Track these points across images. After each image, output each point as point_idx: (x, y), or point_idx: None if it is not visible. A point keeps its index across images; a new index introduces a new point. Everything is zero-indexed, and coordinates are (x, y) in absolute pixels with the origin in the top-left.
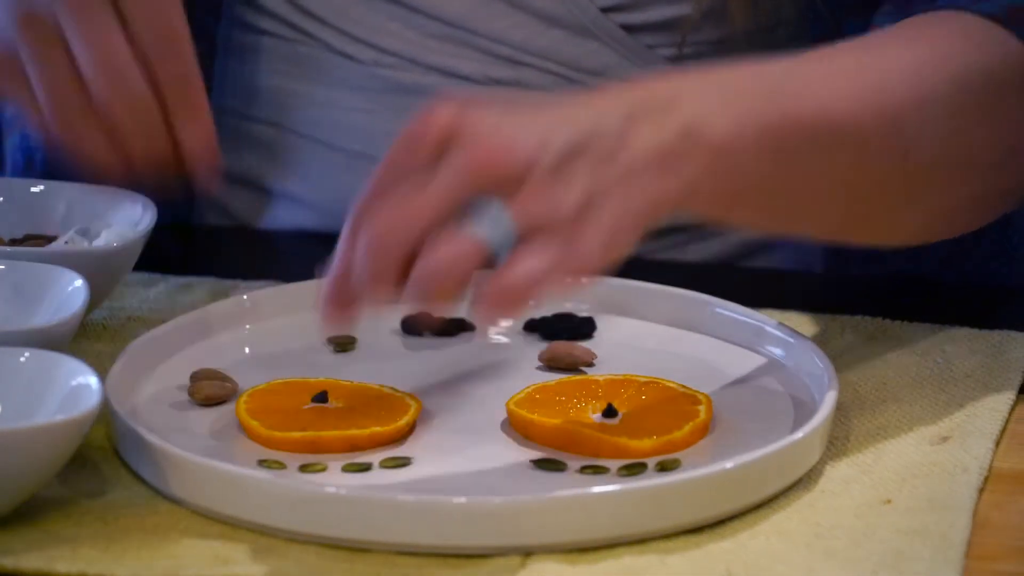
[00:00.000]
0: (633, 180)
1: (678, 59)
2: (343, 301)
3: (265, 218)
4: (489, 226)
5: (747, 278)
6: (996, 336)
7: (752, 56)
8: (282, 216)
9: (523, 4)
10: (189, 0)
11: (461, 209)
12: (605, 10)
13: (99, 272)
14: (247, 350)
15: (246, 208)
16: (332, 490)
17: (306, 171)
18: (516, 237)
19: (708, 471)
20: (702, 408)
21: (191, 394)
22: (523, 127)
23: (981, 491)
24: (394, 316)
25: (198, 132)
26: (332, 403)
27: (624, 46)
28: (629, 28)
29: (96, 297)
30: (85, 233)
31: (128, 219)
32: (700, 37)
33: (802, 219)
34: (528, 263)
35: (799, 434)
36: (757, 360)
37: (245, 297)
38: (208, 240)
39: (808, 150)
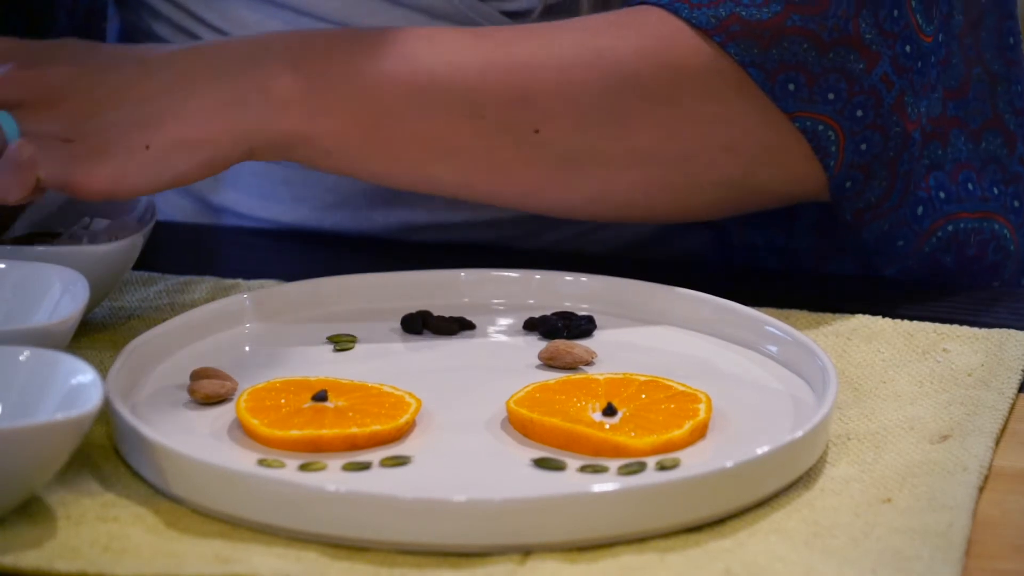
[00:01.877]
0: (178, 111)
1: None
2: None
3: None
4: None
5: (747, 277)
6: (996, 335)
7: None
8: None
9: (402, 1)
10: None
11: None
12: None
13: (99, 271)
14: (247, 349)
15: (188, 219)
16: (332, 489)
17: (235, 183)
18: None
19: (708, 470)
20: (702, 407)
21: (191, 393)
22: (69, 64)
23: (981, 490)
24: (394, 315)
25: None
26: (332, 402)
27: None
28: (513, 15)
29: (96, 296)
30: (88, 228)
31: (128, 218)
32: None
33: (423, 178)
34: (46, 154)
35: (799, 433)
36: (757, 359)
37: (245, 296)
38: (208, 239)
39: (410, 111)
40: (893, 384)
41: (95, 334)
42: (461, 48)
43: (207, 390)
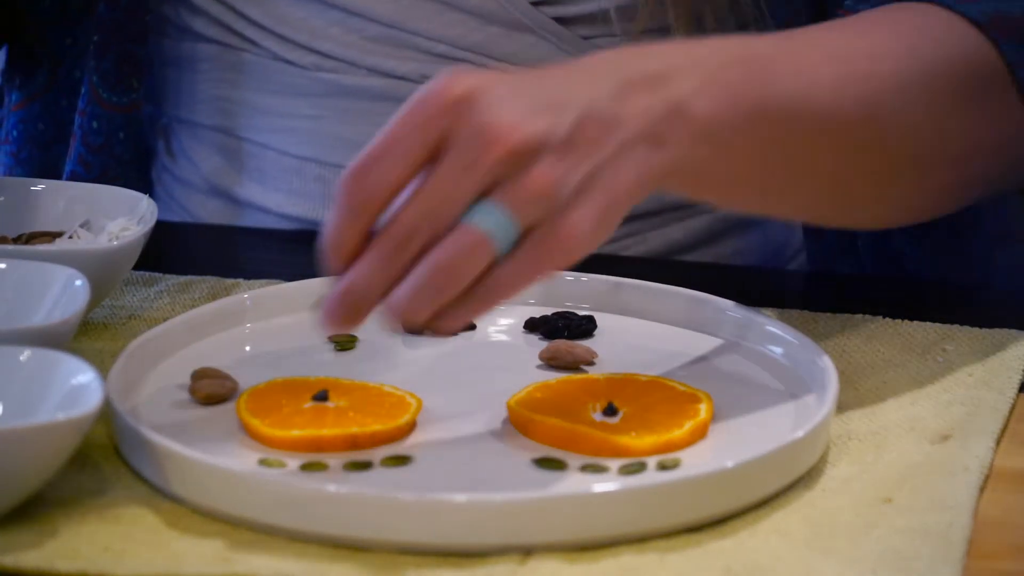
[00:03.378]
0: (623, 157)
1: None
2: (346, 303)
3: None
4: (496, 224)
5: (748, 277)
6: (997, 335)
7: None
8: (250, 223)
9: (456, 3)
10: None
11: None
12: (536, 3)
13: (100, 271)
14: (248, 349)
15: (214, 217)
16: (333, 489)
17: (262, 177)
18: (515, 234)
19: (708, 470)
20: (702, 407)
21: (192, 393)
22: (526, 103)
23: (982, 490)
24: None
25: None
26: (333, 402)
27: (560, 38)
28: (563, 20)
29: (97, 296)
30: (89, 227)
31: (129, 217)
32: (641, 26)
33: (779, 201)
34: (511, 273)
35: (799, 433)
36: (758, 359)
37: (246, 296)
38: (209, 238)
39: (788, 134)
40: (893, 384)
41: (96, 334)
42: (809, 62)
43: (208, 390)
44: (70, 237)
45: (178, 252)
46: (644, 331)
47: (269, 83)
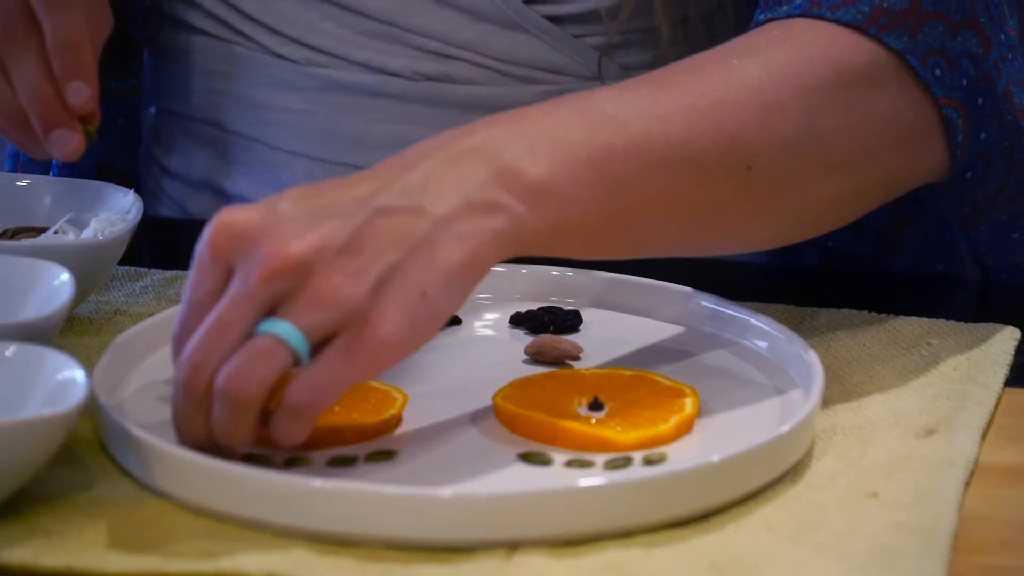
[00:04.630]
0: (437, 241)
1: (607, 48)
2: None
3: None
4: (278, 326)
5: (733, 271)
6: (982, 329)
7: (677, 46)
8: None
9: (449, 0)
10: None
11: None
12: (528, 2)
13: (85, 266)
14: None
15: (205, 211)
16: (318, 484)
17: (252, 171)
18: (307, 333)
19: (694, 465)
20: (688, 402)
21: None
22: (305, 219)
23: (967, 484)
24: None
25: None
26: None
27: (552, 36)
28: (555, 19)
29: (82, 291)
30: (75, 223)
31: (114, 213)
32: (629, 26)
33: (647, 242)
34: (318, 378)
35: (785, 428)
36: (743, 354)
37: None
38: (194, 234)
39: (640, 174)
40: (879, 379)
41: (81, 329)
42: (656, 101)
43: None
44: (56, 232)
45: (164, 247)
46: (630, 326)
47: (261, 77)
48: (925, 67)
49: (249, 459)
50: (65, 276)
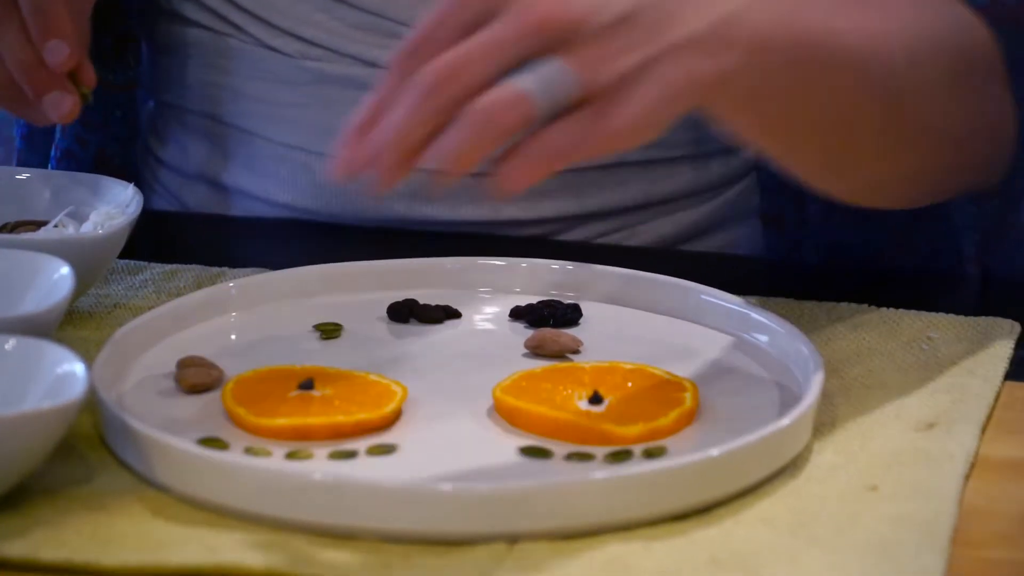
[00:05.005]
0: (676, 56)
1: None
2: (367, 149)
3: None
4: (538, 83)
5: (733, 266)
6: (982, 323)
7: None
8: (238, 210)
9: None
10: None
11: (513, 66)
12: None
13: (85, 259)
14: (233, 337)
15: (202, 203)
16: (318, 477)
17: (249, 164)
18: (562, 97)
19: (694, 458)
20: (688, 395)
21: (177, 381)
22: None
23: (967, 478)
24: (380, 304)
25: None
26: (318, 390)
27: None
28: None
29: (82, 284)
30: (75, 216)
31: (114, 206)
32: None
33: (796, 145)
34: (558, 136)
35: (785, 421)
36: (743, 347)
37: (231, 284)
38: (194, 227)
39: (819, 69)
40: (879, 372)
41: (81, 323)
42: (850, 12)
43: (193, 379)
44: (55, 226)
45: (163, 241)
46: (630, 319)
47: (256, 70)
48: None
49: (249, 452)
50: (65, 270)
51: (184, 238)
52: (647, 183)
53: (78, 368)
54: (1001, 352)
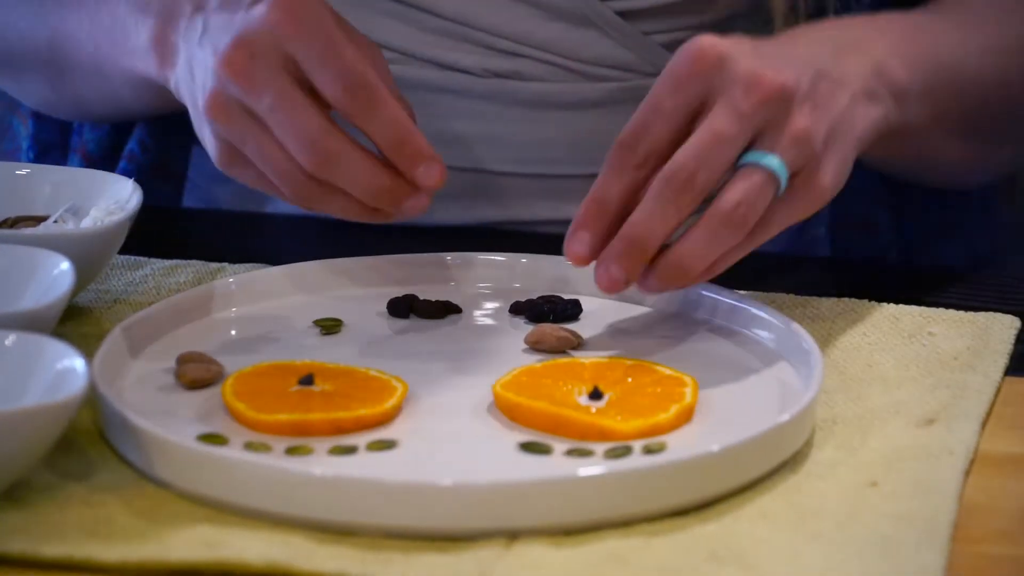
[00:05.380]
0: (853, 110)
1: (672, 45)
2: (617, 246)
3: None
4: (769, 159)
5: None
6: (982, 318)
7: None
8: (276, 208)
9: None
10: None
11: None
12: None
13: (85, 255)
14: (233, 333)
15: (235, 199)
16: (318, 473)
17: None
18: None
19: (694, 454)
20: (688, 391)
21: (177, 377)
22: (770, 60)
23: (967, 474)
24: (381, 299)
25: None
26: (318, 386)
27: (621, 33)
28: (625, 14)
29: (82, 280)
30: (75, 212)
31: (114, 202)
32: (696, 21)
33: (933, 157)
34: (783, 213)
35: (785, 417)
36: (743, 343)
37: (231, 280)
38: (194, 223)
39: (952, 96)
40: (879, 368)
41: (81, 318)
42: (960, 40)
43: (193, 374)
44: (55, 221)
45: (163, 236)
46: (630, 315)
47: None
48: None
49: (249, 447)
50: (65, 265)
51: (184, 234)
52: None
53: (78, 364)
54: (1001, 347)
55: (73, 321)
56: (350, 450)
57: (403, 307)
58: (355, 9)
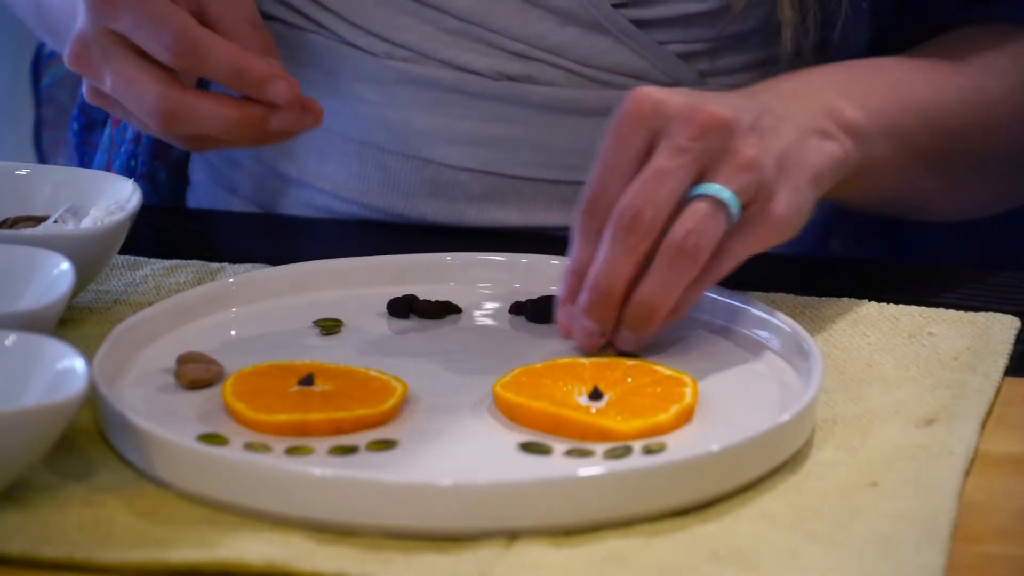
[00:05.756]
0: (804, 142)
1: (687, 54)
2: (580, 306)
3: (279, 204)
4: (717, 189)
5: None
6: (982, 318)
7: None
8: (294, 201)
9: (537, 1)
10: None
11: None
12: (617, 6)
13: (85, 255)
14: (233, 333)
15: (258, 193)
16: (318, 473)
17: (323, 158)
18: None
19: (694, 454)
20: (688, 391)
21: (177, 377)
22: (710, 100)
23: (967, 474)
24: (381, 299)
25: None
26: (318, 386)
27: (635, 41)
28: (640, 23)
29: (82, 280)
30: (75, 212)
31: (114, 202)
32: (711, 33)
33: (904, 194)
34: (739, 243)
35: (785, 417)
36: (743, 343)
37: (231, 280)
38: (194, 223)
39: (919, 135)
40: (879, 368)
41: (81, 318)
42: (933, 78)
43: (193, 374)
44: (55, 221)
45: (163, 236)
46: None
47: (336, 66)
48: None
49: (249, 448)
50: (65, 265)
51: (184, 234)
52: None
53: (78, 364)
54: (1001, 347)
55: (73, 321)
56: (350, 450)
57: (403, 307)
58: (377, 7)
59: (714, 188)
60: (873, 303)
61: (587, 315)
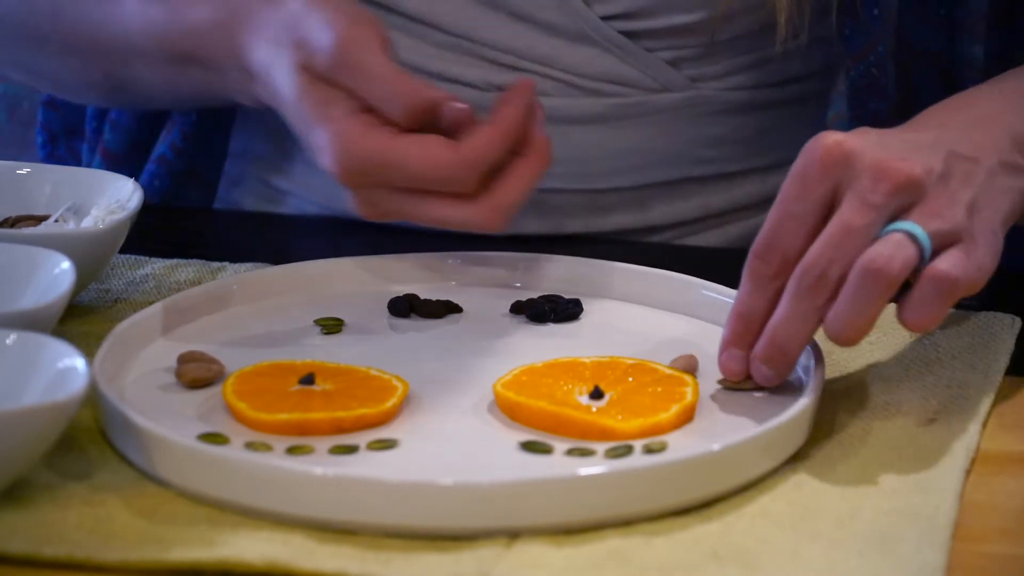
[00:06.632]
0: (993, 185)
1: (677, 61)
2: (761, 354)
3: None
4: (907, 226)
5: (735, 261)
6: (983, 318)
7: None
8: (291, 211)
9: (524, 14)
10: None
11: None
12: (605, 18)
13: (86, 254)
14: (234, 332)
15: (257, 204)
16: (319, 472)
17: (314, 171)
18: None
19: (695, 453)
20: (689, 390)
21: (178, 376)
22: (896, 148)
23: (968, 473)
24: (381, 299)
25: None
26: (319, 385)
27: (624, 51)
28: (629, 34)
29: (83, 279)
30: (76, 211)
31: (115, 201)
32: (700, 40)
33: None
34: (951, 270)
35: (785, 416)
36: None
37: (232, 279)
38: (195, 222)
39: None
40: (880, 367)
41: (82, 317)
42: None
43: (194, 374)
44: (56, 221)
45: (164, 236)
46: (631, 315)
47: None
48: None
49: (250, 447)
50: (66, 264)
51: (185, 233)
52: (710, 195)
53: (79, 363)
54: (1002, 347)
55: (74, 320)
56: (351, 449)
57: (403, 307)
58: None
59: (907, 224)
60: None
61: (767, 364)
